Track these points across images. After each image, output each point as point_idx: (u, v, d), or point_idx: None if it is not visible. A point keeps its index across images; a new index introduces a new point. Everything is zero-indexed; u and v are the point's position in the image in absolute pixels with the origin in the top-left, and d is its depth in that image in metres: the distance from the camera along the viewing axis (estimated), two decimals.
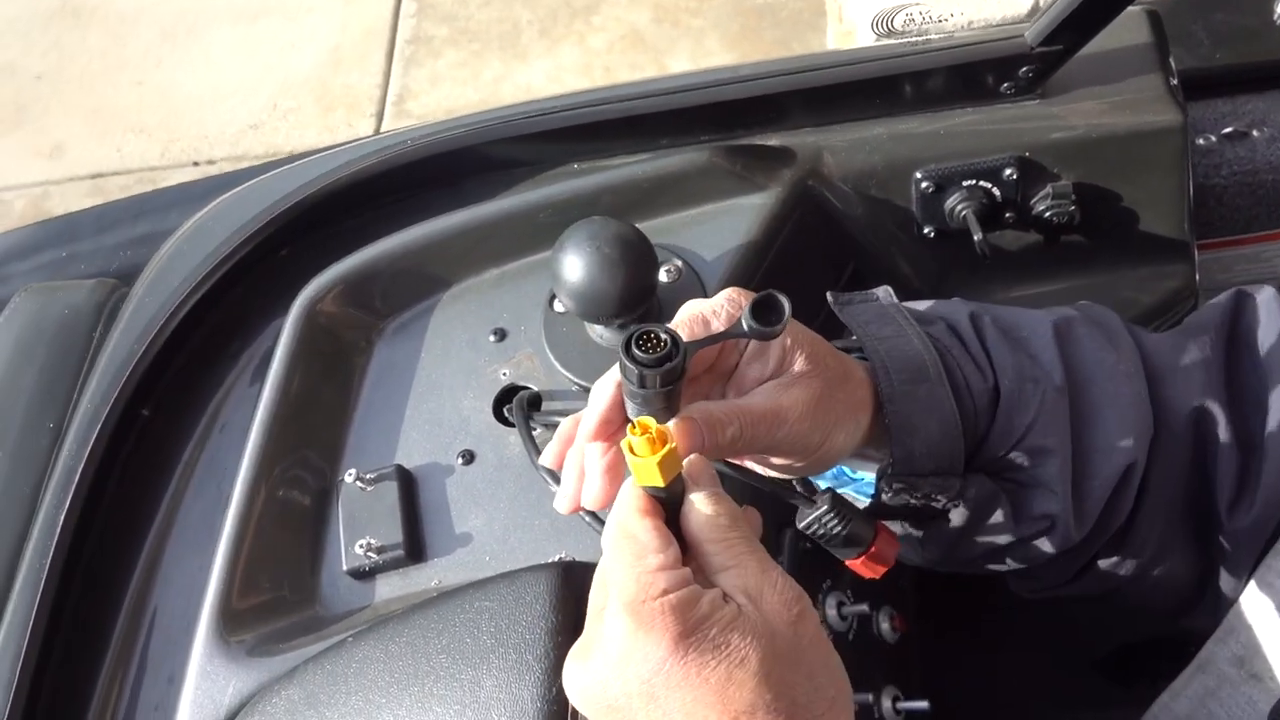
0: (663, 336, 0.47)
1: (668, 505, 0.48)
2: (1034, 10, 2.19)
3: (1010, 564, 0.65)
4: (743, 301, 0.52)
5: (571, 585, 0.59)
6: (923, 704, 0.78)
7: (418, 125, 0.93)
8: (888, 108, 0.83)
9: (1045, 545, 0.61)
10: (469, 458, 0.75)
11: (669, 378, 0.46)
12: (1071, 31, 0.75)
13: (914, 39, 0.83)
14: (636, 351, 0.47)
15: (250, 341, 0.83)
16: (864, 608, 0.79)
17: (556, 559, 0.70)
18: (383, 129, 2.71)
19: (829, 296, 0.62)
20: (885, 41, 0.84)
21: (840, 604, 0.78)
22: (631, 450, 0.45)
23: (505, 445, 0.76)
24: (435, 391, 0.78)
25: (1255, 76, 1.01)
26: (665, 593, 0.44)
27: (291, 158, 1.04)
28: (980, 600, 1.19)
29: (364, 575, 0.71)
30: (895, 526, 0.64)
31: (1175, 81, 0.84)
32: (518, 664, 0.55)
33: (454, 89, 2.75)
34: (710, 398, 0.55)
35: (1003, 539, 0.61)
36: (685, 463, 0.48)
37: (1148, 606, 0.71)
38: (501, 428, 0.76)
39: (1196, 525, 0.64)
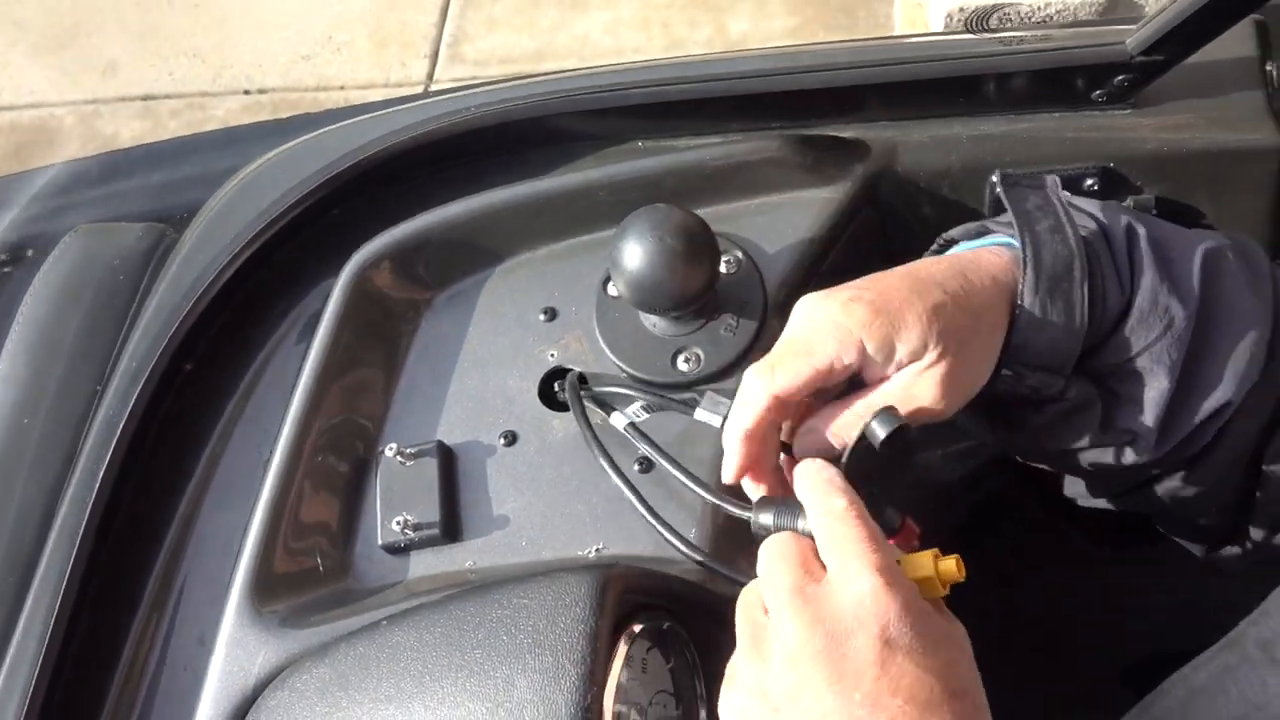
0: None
1: None
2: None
3: (1079, 464, 0.66)
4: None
5: (614, 589, 0.58)
6: None
7: (476, 86, 0.90)
8: (970, 107, 0.80)
9: (1120, 457, 0.63)
10: (511, 439, 0.74)
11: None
12: (1177, 42, 0.71)
13: (1005, 35, 0.79)
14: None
15: (298, 302, 0.81)
16: None
17: (594, 550, 0.69)
18: (436, 72, 2.68)
19: (997, 174, 0.65)
20: (973, 36, 0.80)
21: None
22: (937, 574, 0.50)
23: (549, 428, 0.74)
24: (481, 368, 0.77)
25: None
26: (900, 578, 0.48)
27: (347, 109, 1.01)
28: (992, 602, 1.18)
29: (398, 551, 0.71)
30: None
31: (1277, 100, 0.80)
32: (554, 667, 0.54)
33: (510, 35, 2.70)
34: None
35: (1083, 442, 0.63)
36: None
37: (1183, 534, 0.73)
38: (546, 410, 0.75)
39: (1250, 468, 0.65)
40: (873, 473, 0.56)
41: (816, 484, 0.53)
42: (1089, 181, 0.79)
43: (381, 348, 0.78)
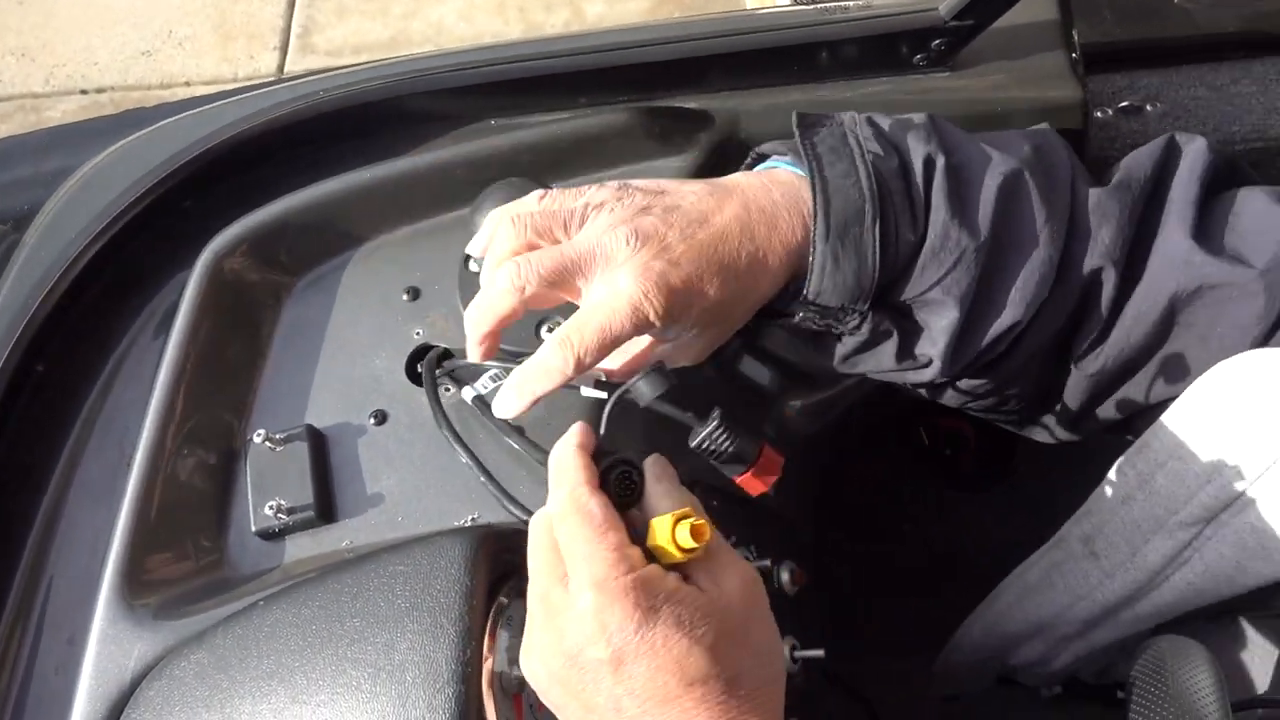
0: (634, 479, 0.54)
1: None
2: None
3: (887, 379, 0.70)
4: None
5: (487, 550, 0.60)
6: (818, 652, 0.81)
7: (327, 71, 0.90)
8: (804, 75, 0.84)
9: (916, 377, 0.67)
10: (381, 418, 0.75)
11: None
12: (984, 6, 0.77)
13: (831, 5, 0.84)
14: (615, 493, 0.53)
15: (152, 296, 0.80)
16: (766, 562, 0.82)
17: (469, 520, 0.70)
18: (287, 64, 2.61)
19: (794, 115, 0.65)
20: (803, 7, 0.85)
21: (745, 558, 0.81)
22: (675, 543, 0.49)
23: (418, 406, 0.75)
24: (347, 350, 0.77)
25: (1152, 53, 1.05)
26: (631, 569, 0.48)
27: (195, 100, 0.99)
28: (876, 552, 1.25)
29: (273, 536, 0.71)
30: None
31: (1077, 57, 0.87)
32: (433, 627, 0.56)
33: (362, 23, 2.66)
34: None
35: (882, 367, 0.66)
36: (647, 462, 0.54)
37: (998, 416, 0.75)
38: (415, 388, 0.76)
39: (1053, 360, 0.68)
40: (735, 406, 0.59)
41: (558, 469, 0.53)
42: None
43: (243, 336, 0.78)
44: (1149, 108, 1.04)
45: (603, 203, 0.60)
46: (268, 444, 0.72)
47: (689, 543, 0.48)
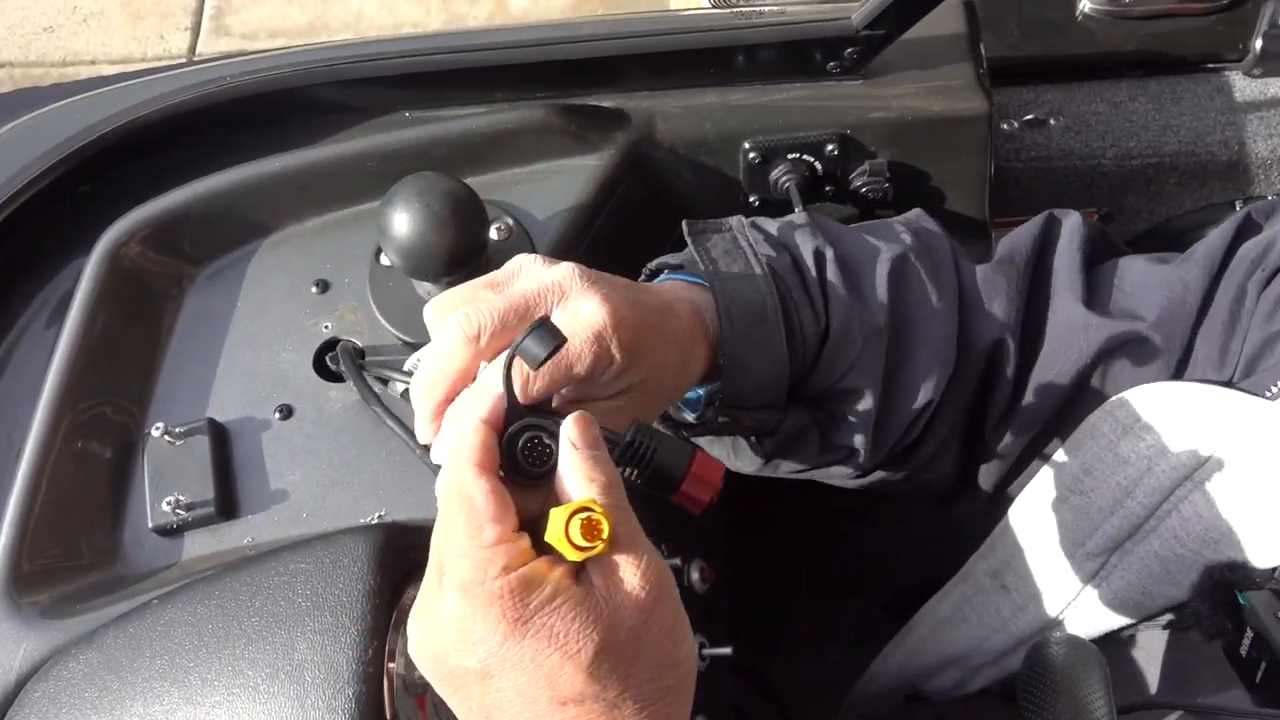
0: (546, 443, 0.47)
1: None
2: None
3: (808, 475, 0.70)
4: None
5: (391, 547, 0.59)
6: (726, 650, 0.82)
7: (238, 55, 0.88)
8: (720, 77, 0.85)
9: (840, 470, 0.68)
10: (287, 412, 0.73)
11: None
12: (894, 18, 0.79)
13: (748, 9, 0.85)
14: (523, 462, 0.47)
15: (44, 283, 0.77)
16: (676, 561, 0.83)
17: (375, 517, 0.69)
18: (199, 46, 2.54)
19: (684, 225, 0.64)
20: (720, 10, 0.86)
21: (655, 552, 0.82)
22: (568, 539, 0.42)
23: (326, 400, 0.74)
24: (252, 343, 0.75)
25: (1056, 68, 1.09)
26: (504, 571, 0.42)
27: (98, 80, 0.96)
28: (784, 547, 1.27)
29: (171, 533, 0.69)
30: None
31: (984, 70, 0.89)
32: (334, 626, 0.55)
33: (278, 7, 2.60)
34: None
35: (807, 463, 0.67)
36: (565, 424, 0.47)
37: (918, 498, 0.77)
38: (322, 382, 0.75)
39: (968, 437, 0.71)
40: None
41: (453, 447, 0.46)
42: (830, 147, 0.87)
43: (143, 325, 0.75)
44: (1053, 121, 1.09)
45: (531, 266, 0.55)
46: (166, 438, 0.70)
47: (581, 542, 0.42)
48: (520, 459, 0.47)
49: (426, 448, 0.52)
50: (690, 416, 0.65)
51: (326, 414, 0.73)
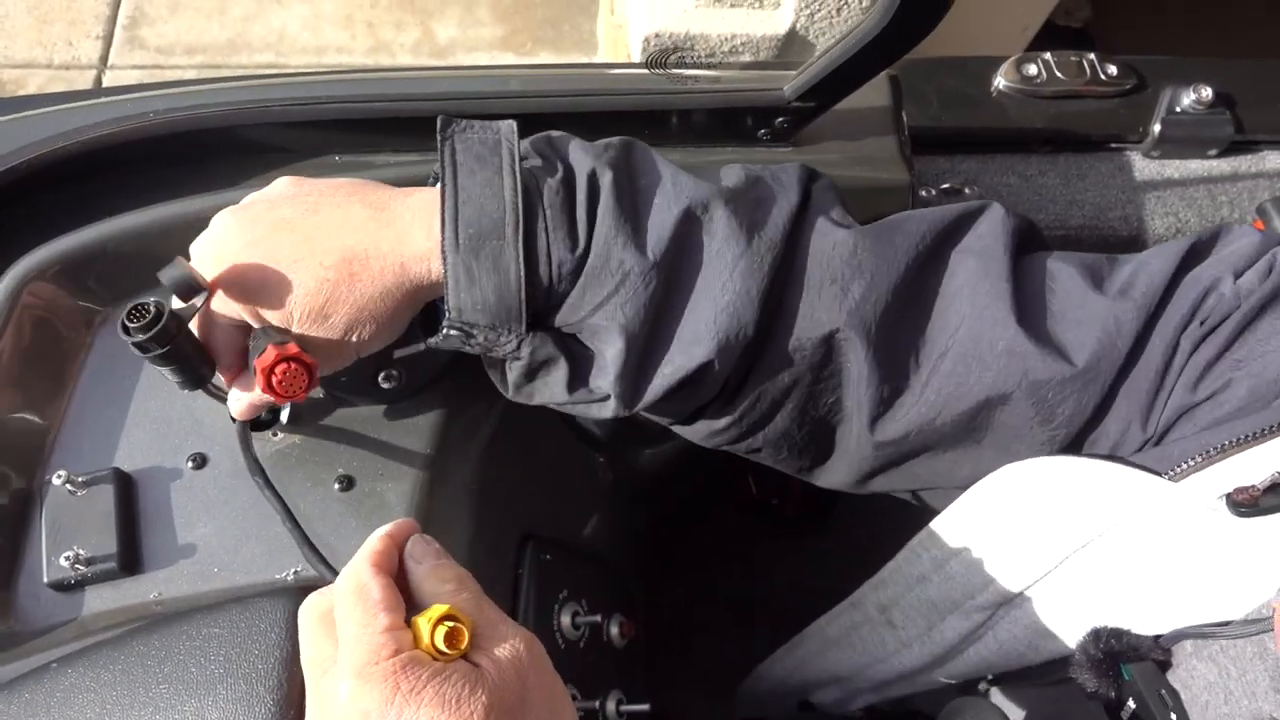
0: (150, 306, 0.57)
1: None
2: (791, 32, 2.29)
3: (576, 413, 0.65)
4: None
5: None
6: (644, 706, 0.83)
7: (159, 87, 0.85)
8: (654, 138, 0.86)
9: (598, 411, 0.63)
10: (200, 461, 0.71)
11: (163, 339, 0.57)
12: (824, 92, 0.81)
13: (683, 73, 0.86)
14: (128, 324, 0.57)
15: None
16: (596, 618, 0.83)
17: (291, 574, 0.67)
18: (111, 56, 2.46)
19: (439, 119, 0.60)
20: (658, 72, 0.87)
21: (575, 614, 0.82)
22: (432, 647, 0.46)
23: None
24: (165, 388, 0.73)
25: (972, 140, 1.14)
26: (396, 652, 0.45)
27: (12, 101, 0.92)
28: (698, 593, 1.28)
29: (69, 588, 0.66)
30: None
31: (907, 144, 0.92)
32: (248, 695, 0.53)
33: (197, 20, 2.53)
34: None
35: (556, 398, 0.63)
36: (408, 546, 0.52)
37: (772, 463, 0.71)
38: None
39: (832, 418, 0.65)
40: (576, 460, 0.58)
41: (354, 558, 0.50)
42: None
43: (46, 369, 0.72)
44: (967, 190, 1.13)
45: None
46: (68, 487, 0.67)
47: (445, 650, 0.46)
48: (126, 321, 0.57)
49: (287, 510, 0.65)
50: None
51: (242, 464, 0.71)
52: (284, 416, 0.72)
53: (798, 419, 0.64)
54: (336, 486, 0.70)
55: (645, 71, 0.84)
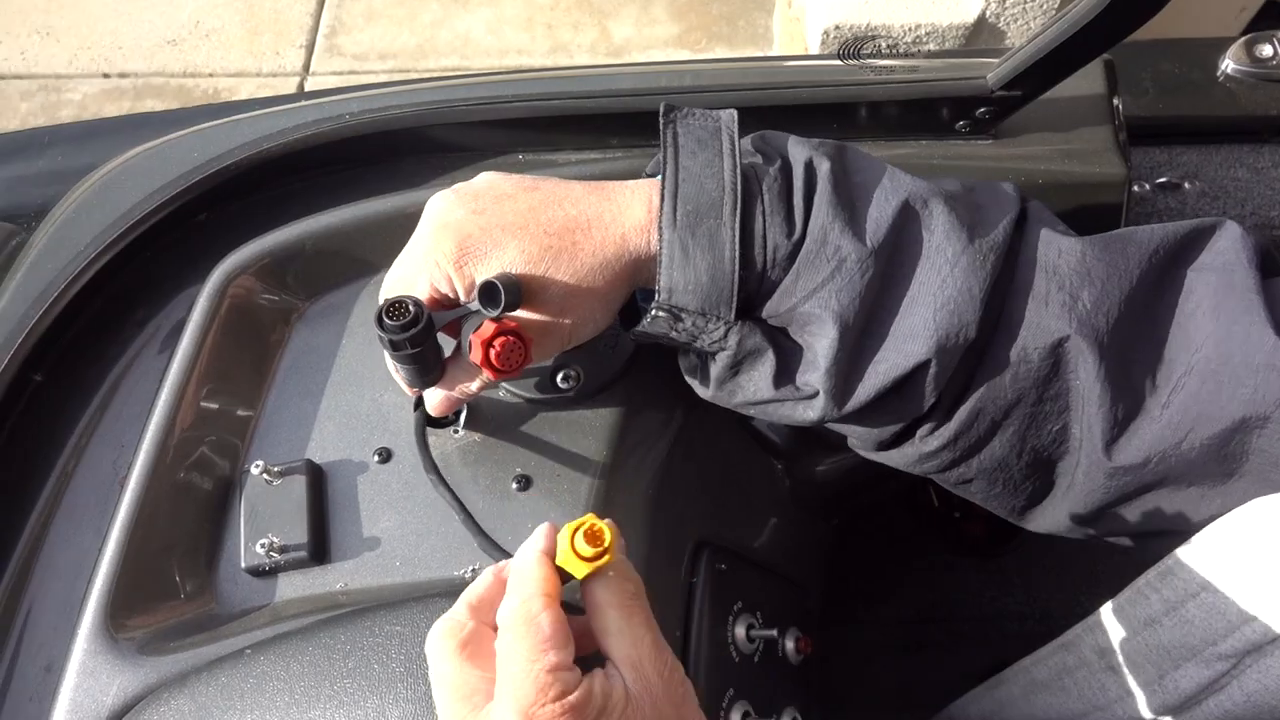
0: (409, 305, 0.57)
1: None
2: (980, 20, 2.18)
3: (776, 418, 0.63)
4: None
5: None
6: None
7: (350, 91, 0.88)
8: (842, 132, 0.82)
9: (804, 412, 0.60)
10: (386, 456, 0.72)
11: (418, 340, 0.58)
12: (1032, 79, 0.75)
13: (878, 63, 0.82)
14: (387, 320, 0.57)
15: (159, 310, 0.78)
16: (772, 632, 0.80)
17: (470, 571, 0.68)
18: (312, 64, 2.60)
19: (661, 106, 0.59)
20: (849, 63, 0.83)
21: (750, 627, 0.79)
22: (575, 553, 0.46)
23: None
24: (355, 383, 0.75)
25: (1193, 129, 1.04)
26: (562, 695, 0.44)
27: (212, 108, 0.98)
28: (874, 612, 1.22)
29: (264, 574, 0.68)
30: None
31: (1123, 135, 0.85)
32: (426, 696, 0.53)
33: (389, 28, 2.65)
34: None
35: (764, 394, 0.60)
36: (593, 586, 0.50)
37: (988, 497, 0.66)
38: (425, 426, 0.73)
39: (1057, 448, 0.61)
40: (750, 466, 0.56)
41: (517, 577, 0.49)
42: None
43: (249, 360, 0.75)
44: (1187, 185, 1.03)
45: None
46: (265, 476, 0.70)
47: (587, 551, 0.46)
48: (385, 322, 0.58)
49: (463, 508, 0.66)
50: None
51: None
52: (463, 415, 0.72)
53: (1018, 445, 0.60)
54: (514, 486, 0.70)
55: (825, 63, 0.81)
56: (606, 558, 0.46)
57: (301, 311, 0.78)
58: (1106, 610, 0.66)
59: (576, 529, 0.47)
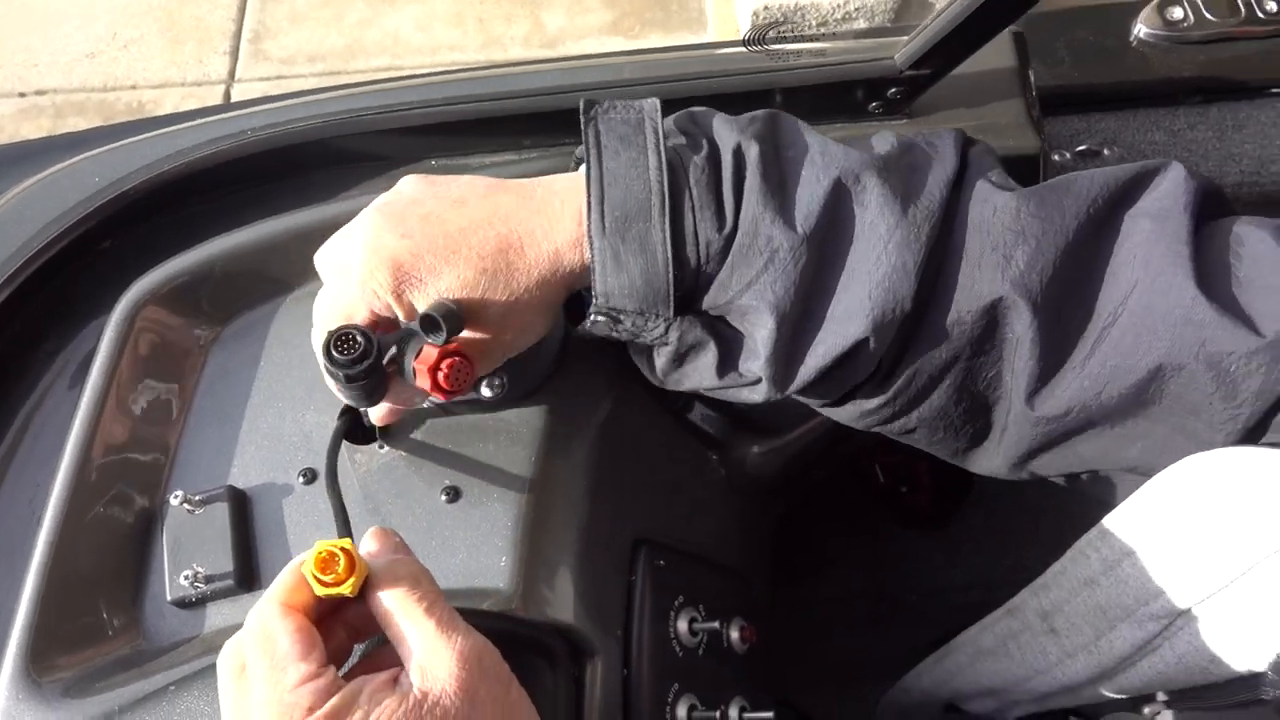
0: (357, 338, 0.56)
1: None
2: None
3: (729, 398, 0.63)
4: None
5: None
6: (768, 714, 0.79)
7: (260, 102, 0.86)
8: None
9: (749, 395, 0.61)
10: (311, 477, 0.71)
11: (370, 371, 0.57)
12: (940, 56, 0.75)
13: (785, 49, 0.81)
14: (337, 355, 0.56)
15: (68, 341, 0.76)
16: (715, 624, 0.80)
17: None
18: (238, 70, 2.55)
19: (581, 100, 0.59)
20: (757, 48, 0.82)
21: (692, 620, 0.79)
22: (319, 581, 0.45)
23: (352, 463, 0.72)
24: (275, 404, 0.73)
25: (1110, 96, 1.05)
26: (310, 711, 0.43)
27: (121, 127, 0.95)
28: (823, 589, 1.23)
29: (191, 605, 0.67)
30: None
31: (1036, 107, 0.85)
32: None
33: (316, 30, 2.60)
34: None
35: (709, 382, 0.61)
36: (369, 534, 0.52)
37: (927, 446, 0.67)
38: (348, 444, 0.72)
39: (992, 393, 0.61)
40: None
41: (273, 585, 0.49)
42: None
43: (164, 388, 0.74)
44: (1106, 151, 1.04)
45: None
46: (186, 506, 0.68)
47: (323, 576, 0.45)
48: (337, 357, 0.56)
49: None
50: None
51: (353, 478, 0.71)
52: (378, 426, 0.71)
53: (955, 396, 0.60)
54: (443, 498, 0.69)
55: (737, 51, 0.80)
56: (345, 588, 0.45)
57: (216, 334, 0.76)
58: (1051, 572, 0.67)
59: (318, 556, 0.46)
